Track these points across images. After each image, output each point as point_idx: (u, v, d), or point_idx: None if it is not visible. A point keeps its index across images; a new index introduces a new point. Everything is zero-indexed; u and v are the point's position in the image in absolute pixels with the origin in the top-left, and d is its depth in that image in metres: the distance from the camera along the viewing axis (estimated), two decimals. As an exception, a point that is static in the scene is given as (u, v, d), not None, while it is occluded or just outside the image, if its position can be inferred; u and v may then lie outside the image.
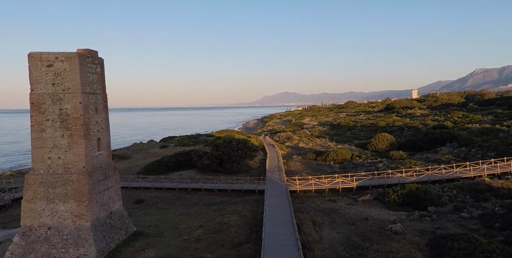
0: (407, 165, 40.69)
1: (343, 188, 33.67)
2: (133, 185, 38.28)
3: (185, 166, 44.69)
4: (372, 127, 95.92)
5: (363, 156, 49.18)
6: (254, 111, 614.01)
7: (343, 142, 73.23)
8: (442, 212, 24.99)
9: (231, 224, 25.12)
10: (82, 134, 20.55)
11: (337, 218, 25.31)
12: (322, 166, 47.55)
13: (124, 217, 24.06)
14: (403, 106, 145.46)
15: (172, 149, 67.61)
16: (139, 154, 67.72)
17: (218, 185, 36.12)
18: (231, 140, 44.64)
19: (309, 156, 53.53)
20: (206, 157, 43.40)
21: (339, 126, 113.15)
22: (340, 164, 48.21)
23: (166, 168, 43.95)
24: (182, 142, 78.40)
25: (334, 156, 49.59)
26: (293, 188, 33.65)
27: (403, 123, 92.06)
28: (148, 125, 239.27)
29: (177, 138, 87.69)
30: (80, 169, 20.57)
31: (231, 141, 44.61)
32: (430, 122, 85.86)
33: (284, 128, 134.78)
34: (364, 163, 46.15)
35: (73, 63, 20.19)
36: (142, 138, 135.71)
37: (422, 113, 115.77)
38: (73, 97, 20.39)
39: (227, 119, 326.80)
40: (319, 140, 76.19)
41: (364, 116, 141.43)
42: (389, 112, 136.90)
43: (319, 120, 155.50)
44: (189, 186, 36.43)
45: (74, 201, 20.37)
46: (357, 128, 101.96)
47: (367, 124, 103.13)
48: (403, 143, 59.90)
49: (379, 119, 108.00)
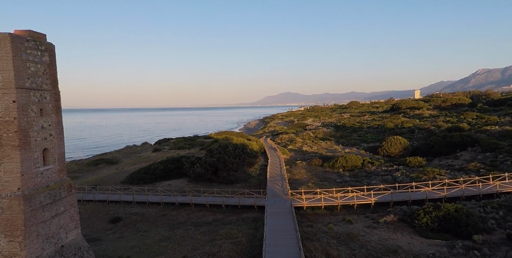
0: (429, 174, 35.05)
1: (359, 204, 28.12)
2: (112, 198, 32.62)
3: (175, 174, 39.22)
4: (379, 129, 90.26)
5: (376, 163, 43.57)
6: (256, 112, 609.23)
7: (350, 145, 67.61)
8: (493, 242, 19.36)
9: (222, 256, 19.63)
10: (17, 144, 15.04)
11: (357, 249, 19.73)
12: (330, 174, 41.98)
13: (82, 250, 18.54)
14: (410, 107, 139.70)
15: (166, 153, 62.19)
16: (130, 158, 62.34)
17: (210, 199, 30.61)
18: (227, 145, 39.10)
19: (315, 161, 48.00)
20: (199, 165, 37.93)
21: (344, 127, 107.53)
22: (350, 171, 42.66)
23: (154, 176, 38.44)
24: (178, 145, 73.00)
25: (343, 162, 44.02)
26: (299, 204, 28.14)
27: (412, 125, 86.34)
28: (150, 126, 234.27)
29: (173, 140, 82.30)
30: (14, 192, 15.08)
31: (227, 146, 39.07)
32: (442, 124, 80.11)
33: (286, 129, 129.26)
34: (378, 171, 40.53)
35: (3, 47, 14.73)
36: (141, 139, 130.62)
37: (431, 113, 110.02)
38: (3, 94, 14.92)
39: (228, 119, 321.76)
40: (324, 143, 70.62)
41: (369, 117, 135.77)
42: (395, 113, 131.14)
43: (322, 120, 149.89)
44: (177, 200, 30.90)
45: (3, 236, 14.92)
46: (363, 129, 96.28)
47: (374, 126, 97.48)
48: (418, 147, 54.28)
49: (386, 120, 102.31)
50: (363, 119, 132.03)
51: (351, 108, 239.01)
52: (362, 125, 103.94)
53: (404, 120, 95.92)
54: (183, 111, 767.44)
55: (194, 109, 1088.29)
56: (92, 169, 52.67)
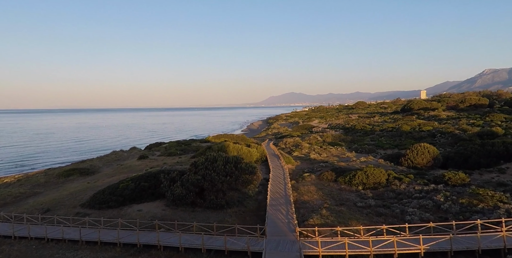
0: (487, 201, 25.77)
1: (402, 254, 19.03)
2: (52, 235, 23.43)
3: (149, 195, 30.25)
4: (394, 132, 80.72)
5: (405, 179, 34.28)
6: (260, 112, 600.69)
7: (365, 152, 58.29)
8: None
9: None
10: None
11: None
12: (348, 194, 32.81)
13: None
14: (422, 107, 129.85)
15: (152, 161, 53.29)
16: (111, 167, 53.52)
17: (186, 240, 21.64)
18: (215, 159, 30.02)
19: (327, 175, 38.89)
20: (179, 184, 28.97)
21: (354, 130, 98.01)
22: (372, 190, 33.47)
23: (121, 199, 29.43)
24: (169, 150, 64.18)
25: (363, 178, 34.83)
26: (312, 251, 19.13)
27: (432, 128, 76.78)
28: (152, 127, 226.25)
29: (165, 145, 73.46)
30: None
31: (216, 159, 29.98)
32: (467, 127, 70.47)
33: (291, 131, 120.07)
34: (410, 192, 31.24)
35: None
36: (138, 142, 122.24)
37: (448, 115, 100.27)
38: None
39: (231, 120, 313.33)
40: (335, 150, 61.34)
41: (379, 118, 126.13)
42: (407, 114, 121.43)
43: (329, 122, 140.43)
44: (139, 240, 21.98)
45: None
46: (375, 132, 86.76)
47: (387, 128, 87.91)
48: (450, 156, 44.90)
49: (401, 122, 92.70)
50: (373, 120, 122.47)
51: (357, 108, 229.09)
52: (374, 127, 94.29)
53: (421, 123, 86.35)
54: (187, 111, 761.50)
55: (198, 109, 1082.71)
56: (61, 181, 43.95)
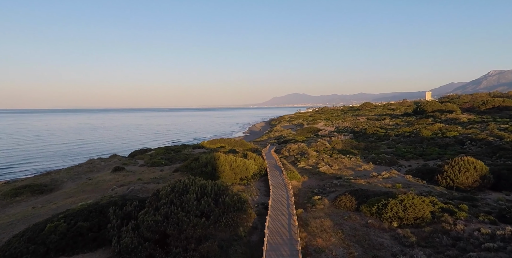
0: None
1: None
2: None
3: (89, 241, 20.33)
4: (413, 138, 70.26)
5: (460, 214, 24.09)
6: (263, 113, 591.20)
7: (385, 164, 48.00)
8: None
9: None
10: None
11: None
12: (380, 236, 22.67)
13: None
14: (437, 109, 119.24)
15: (127, 174, 43.26)
16: (77, 181, 43.61)
17: None
18: (186, 189, 20.00)
19: (345, 201, 28.76)
20: (132, 227, 19.07)
21: (365, 134, 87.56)
22: (414, 228, 23.28)
23: (43, 249, 19.54)
24: (153, 159, 54.29)
25: (398, 209, 24.68)
26: None
27: (458, 133, 66.31)
28: (151, 127, 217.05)
29: (151, 151, 63.54)
30: None
31: (187, 190, 19.95)
32: (501, 133, 59.99)
33: (294, 135, 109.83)
34: (475, 237, 21.01)
35: None
36: (131, 145, 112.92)
37: (469, 118, 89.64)
38: None
39: (233, 121, 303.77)
40: (348, 160, 51.06)
41: (390, 121, 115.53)
42: (421, 117, 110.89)
43: (336, 124, 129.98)
44: None
45: None
46: (390, 138, 76.29)
47: (404, 133, 77.43)
48: (503, 175, 34.58)
49: (419, 126, 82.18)
50: (384, 123, 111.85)
51: (364, 110, 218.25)
52: (387, 132, 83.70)
53: (442, 127, 75.86)
54: (191, 112, 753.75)
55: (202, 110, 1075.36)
56: (4, 204, 34.19)
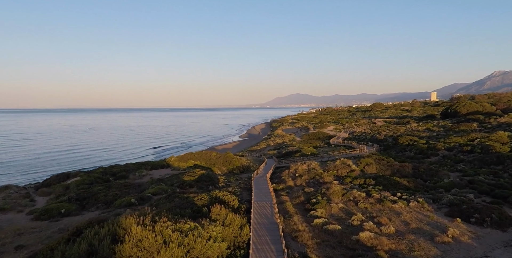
0: None
1: None
2: None
3: None
4: (480, 155, 46.38)
5: None
6: (265, 113, 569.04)
7: (470, 213, 24.41)
8: None
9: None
10: None
11: None
12: None
13: None
14: (474, 111, 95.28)
15: None
16: None
17: None
18: None
19: None
20: None
21: (396, 145, 63.68)
22: None
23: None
24: (60, 198, 30.83)
25: None
26: None
27: (555, 149, 42.24)
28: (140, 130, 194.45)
29: (75, 179, 39.67)
30: None
31: None
32: None
33: (299, 142, 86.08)
34: None
35: None
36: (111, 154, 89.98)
37: (535, 123, 65.49)
38: None
39: (232, 122, 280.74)
40: (404, 206, 27.03)
41: (419, 126, 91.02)
42: (459, 121, 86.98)
43: (349, 129, 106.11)
44: None
45: None
46: (439, 152, 52.45)
47: (459, 146, 53.38)
48: None
49: (475, 135, 58.13)
50: (410, 128, 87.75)
51: (374, 111, 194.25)
52: (431, 143, 59.17)
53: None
54: (192, 112, 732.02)
55: (203, 110, 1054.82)
56: None
